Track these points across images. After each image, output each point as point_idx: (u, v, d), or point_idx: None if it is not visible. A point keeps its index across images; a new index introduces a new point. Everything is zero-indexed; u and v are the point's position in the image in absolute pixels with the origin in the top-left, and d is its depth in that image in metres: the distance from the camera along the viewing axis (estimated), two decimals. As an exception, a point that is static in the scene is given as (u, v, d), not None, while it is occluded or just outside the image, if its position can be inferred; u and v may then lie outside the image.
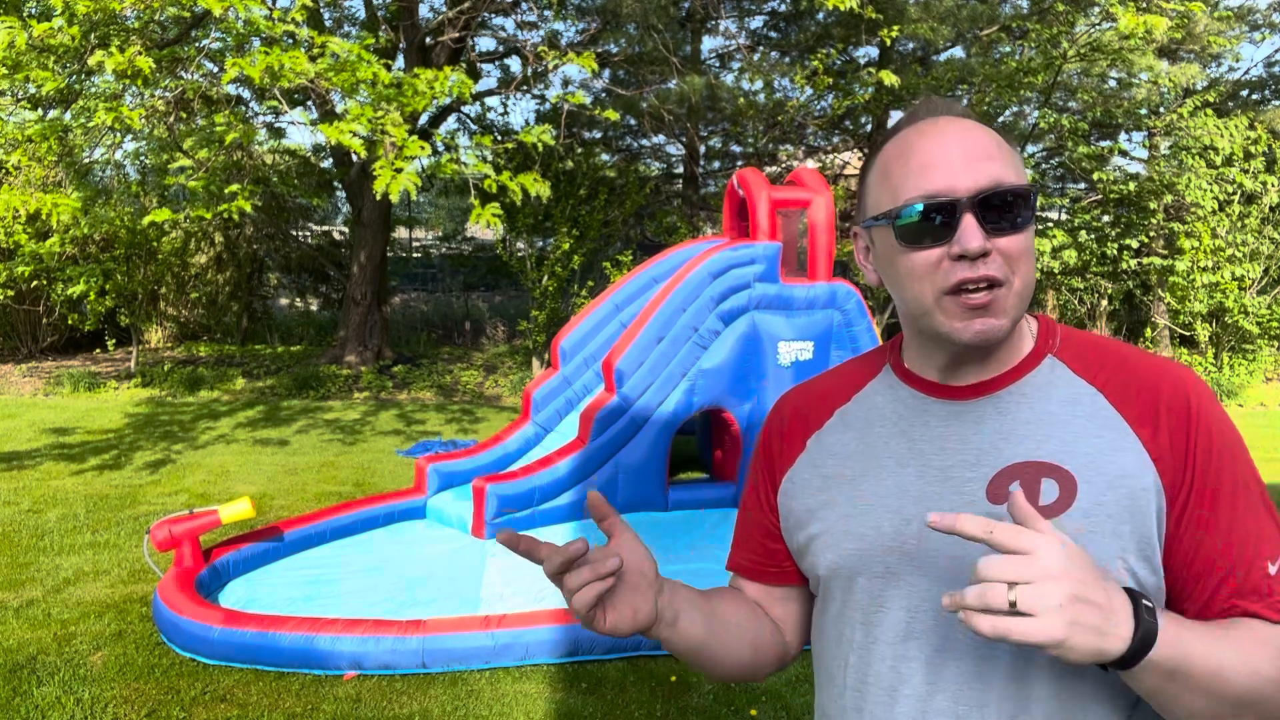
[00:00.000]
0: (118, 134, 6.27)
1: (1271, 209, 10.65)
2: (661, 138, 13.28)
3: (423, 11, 10.94)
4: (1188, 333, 11.41)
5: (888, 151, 0.95)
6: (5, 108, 6.35)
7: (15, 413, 8.30)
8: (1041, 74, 10.12)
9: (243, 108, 10.56)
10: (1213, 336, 11.16)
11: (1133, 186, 11.01)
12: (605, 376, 5.10)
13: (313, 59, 5.09)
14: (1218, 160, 10.55)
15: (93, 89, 6.89)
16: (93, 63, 4.90)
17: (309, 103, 10.27)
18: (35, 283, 9.97)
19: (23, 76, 5.03)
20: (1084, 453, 0.90)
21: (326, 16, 10.91)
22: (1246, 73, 13.81)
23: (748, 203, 5.36)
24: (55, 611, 4.00)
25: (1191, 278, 10.70)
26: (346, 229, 14.36)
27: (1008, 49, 11.39)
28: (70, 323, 10.55)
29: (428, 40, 10.09)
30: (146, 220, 5.75)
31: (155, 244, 10.89)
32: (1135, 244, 11.12)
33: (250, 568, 4.32)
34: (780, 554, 1.11)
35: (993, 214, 0.87)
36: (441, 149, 9.08)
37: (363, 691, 3.35)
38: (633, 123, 12.16)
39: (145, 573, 4.45)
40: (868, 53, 12.42)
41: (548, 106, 11.47)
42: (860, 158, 12.46)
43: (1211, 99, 11.32)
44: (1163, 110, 11.95)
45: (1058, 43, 9.94)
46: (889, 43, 10.23)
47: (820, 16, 11.38)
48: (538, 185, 5.46)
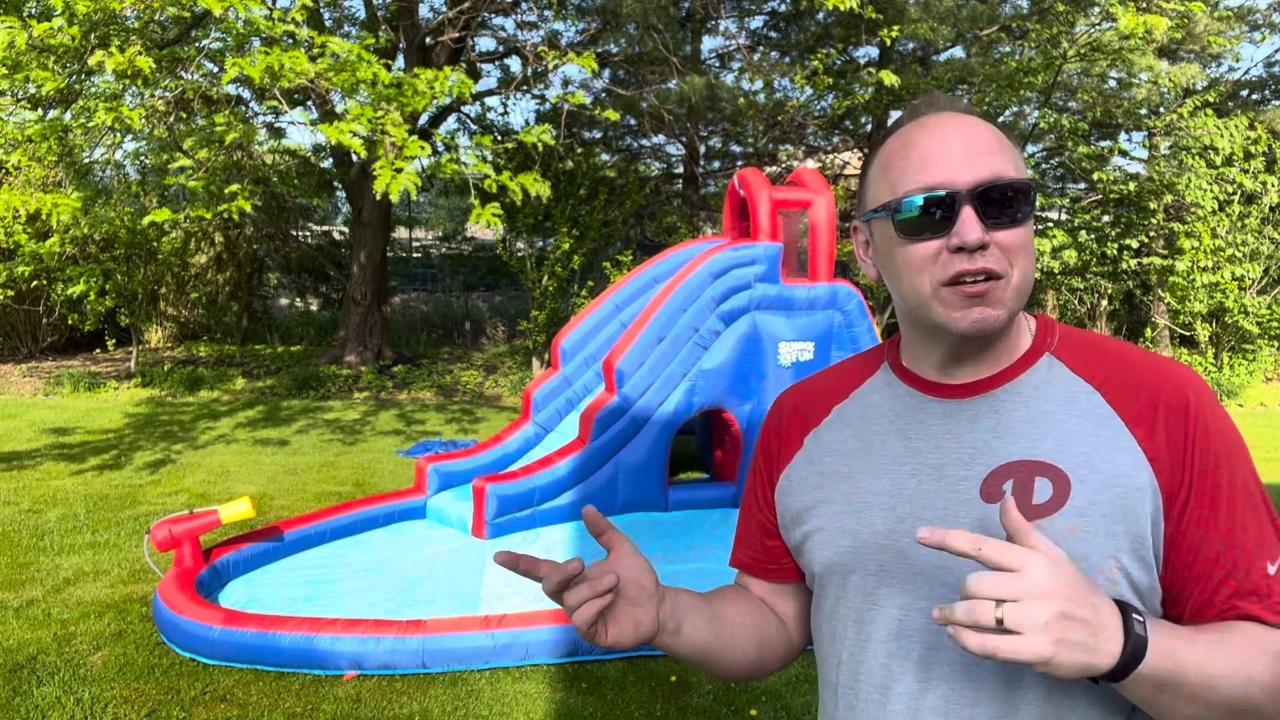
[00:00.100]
0: (118, 134, 6.27)
1: (1271, 209, 10.65)
2: (661, 138, 13.29)
3: (423, 11, 10.94)
4: (1188, 333, 11.41)
5: (889, 146, 0.95)
6: (5, 108, 6.34)
7: (15, 413, 8.30)
8: (1041, 74, 10.12)
9: (243, 108, 10.56)
10: (1213, 336, 11.16)
11: (1133, 186, 11.01)
12: (605, 376, 5.10)
13: (313, 59, 5.09)
14: (1218, 160, 10.55)
15: (93, 89, 6.89)
16: (93, 63, 4.90)
17: (309, 103, 10.27)
18: (35, 283, 9.97)
19: (23, 76, 5.03)
20: (1079, 452, 0.90)
21: (326, 16, 10.91)
22: (1246, 73, 13.82)
23: (749, 203, 5.35)
24: (55, 611, 3.99)
25: (1191, 278, 10.70)
26: (346, 229, 14.36)
27: (1008, 49, 11.39)
28: (70, 323, 10.55)
29: (428, 40, 10.09)
30: (146, 220, 5.75)
31: (155, 244, 10.89)
32: (1135, 244, 11.12)
33: (250, 568, 4.31)
34: (778, 551, 1.11)
35: (992, 208, 0.88)
36: (441, 149, 9.08)
37: (363, 691, 3.35)
38: (633, 123, 12.16)
39: (145, 573, 4.45)
40: (868, 53, 12.43)
41: (548, 106, 11.47)
42: (860, 158, 12.45)
43: (1211, 99, 11.32)
44: (1163, 110, 11.95)
45: (1058, 43, 9.94)
46: (889, 43, 10.23)
47: (820, 16, 11.38)
48: (538, 185, 5.46)
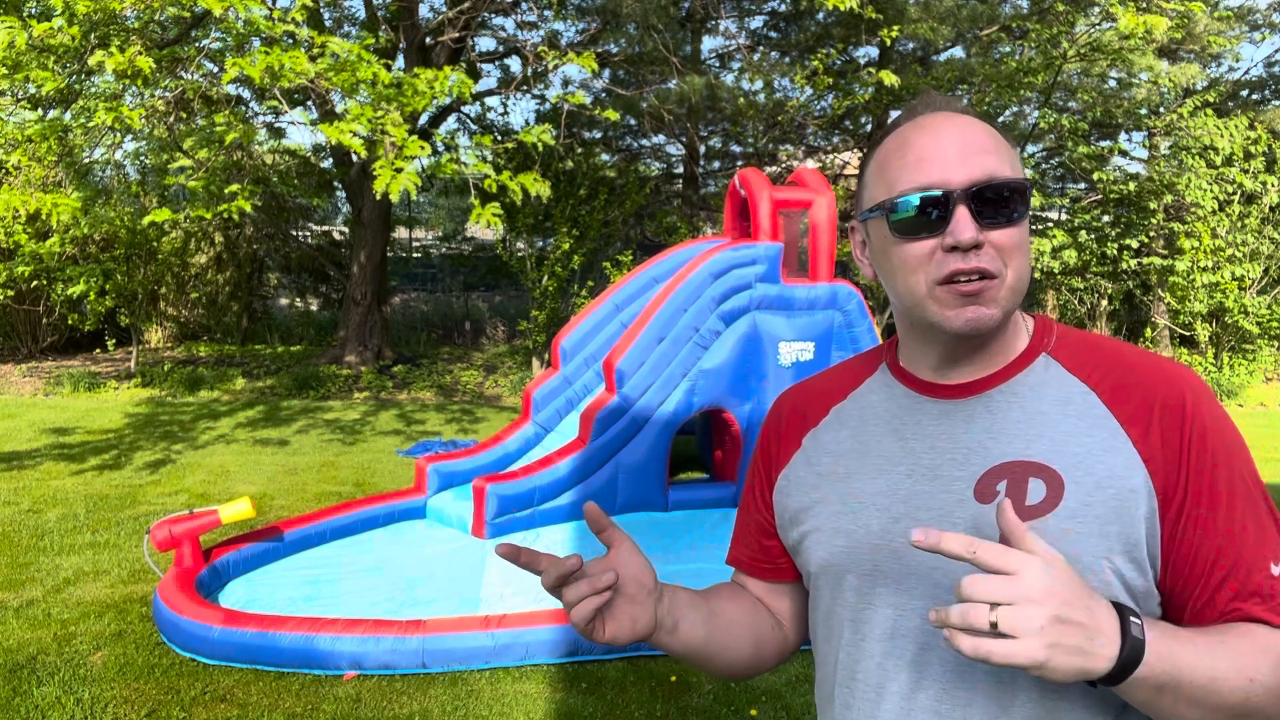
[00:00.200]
0: (118, 134, 6.27)
1: (1271, 209, 10.65)
2: (661, 138, 13.29)
3: (423, 11, 10.94)
4: (1188, 333, 11.41)
5: (886, 146, 0.96)
6: (5, 108, 6.34)
7: (15, 413, 8.30)
8: (1041, 74, 10.12)
9: (243, 108, 10.56)
10: (1213, 336, 11.16)
11: (1133, 186, 11.02)
12: (606, 376, 5.10)
13: (313, 59, 5.09)
14: (1218, 160, 10.55)
15: (93, 89, 6.89)
16: (93, 63, 4.90)
17: (309, 103, 10.27)
18: (35, 283, 9.97)
19: (23, 76, 5.03)
20: (1073, 453, 0.89)
21: (326, 16, 10.91)
22: (1246, 73, 13.82)
23: (749, 203, 5.35)
24: (55, 611, 3.99)
25: (1191, 278, 10.70)
26: (346, 229, 14.36)
27: (1008, 49, 11.39)
28: (70, 323, 10.55)
29: (428, 40, 10.09)
30: (146, 220, 5.75)
31: (155, 244, 10.89)
32: (1135, 244, 11.12)
33: (250, 568, 4.31)
34: (775, 551, 1.11)
35: (987, 207, 0.88)
36: (441, 149, 9.09)
37: (363, 691, 3.35)
38: (633, 123, 12.16)
39: (145, 573, 4.45)
40: (868, 53, 12.43)
41: (548, 106, 11.47)
42: (860, 158, 12.44)
43: (1211, 99, 11.32)
44: (1163, 110, 11.95)
45: (1058, 43, 9.94)
46: (889, 43, 10.23)
47: (820, 16, 11.38)
48: (538, 185, 5.46)
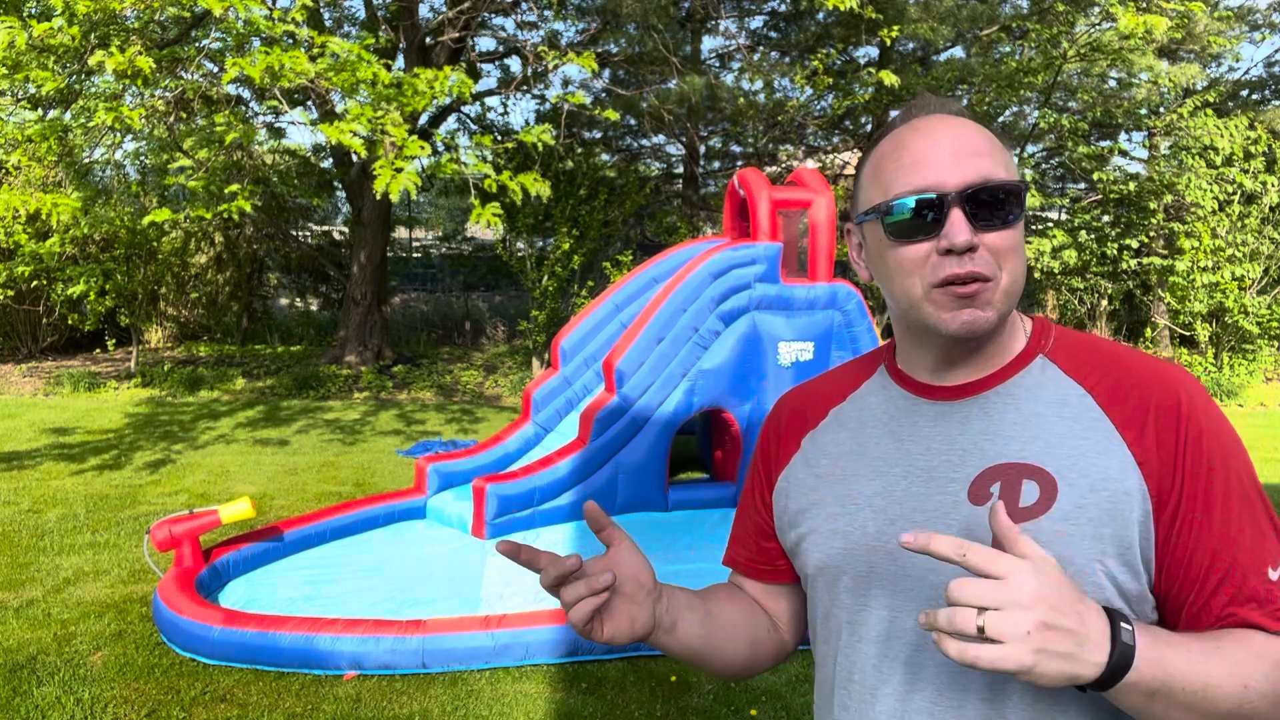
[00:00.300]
0: (118, 134, 6.27)
1: (1271, 209, 10.65)
2: (661, 138, 13.29)
3: (423, 11, 10.94)
4: (1188, 333, 11.41)
5: (881, 148, 0.96)
6: (5, 108, 6.35)
7: (15, 413, 8.30)
8: (1041, 74, 10.12)
9: (243, 108, 10.56)
10: (1213, 336, 11.16)
11: (1133, 186, 11.02)
12: (605, 377, 5.10)
13: (313, 59, 5.09)
14: (1218, 160, 10.55)
15: (93, 89, 6.89)
16: (93, 63, 4.90)
17: (309, 103, 10.27)
18: (35, 283, 9.97)
19: (23, 76, 5.03)
20: (1067, 455, 0.89)
21: (326, 16, 10.91)
22: (1246, 73, 13.82)
23: (748, 203, 5.35)
24: (55, 611, 4.00)
25: (1191, 278, 10.70)
26: (346, 229, 14.36)
27: (1008, 49, 11.39)
28: (70, 323, 10.55)
29: (428, 40, 10.09)
30: (146, 220, 5.75)
31: (155, 244, 10.89)
32: (1135, 244, 11.12)
33: (250, 568, 4.31)
34: (774, 552, 1.12)
35: (982, 210, 0.88)
36: (441, 149, 9.09)
37: (363, 691, 3.35)
38: (633, 123, 12.16)
39: (145, 573, 4.45)
40: (868, 53, 12.43)
41: (548, 106, 11.47)
42: (858, 159, 12.44)
43: (1211, 99, 11.32)
44: (1163, 110, 11.95)
45: (1058, 43, 9.94)
46: (889, 43, 10.23)
47: (820, 16, 11.38)
48: (538, 185, 5.46)
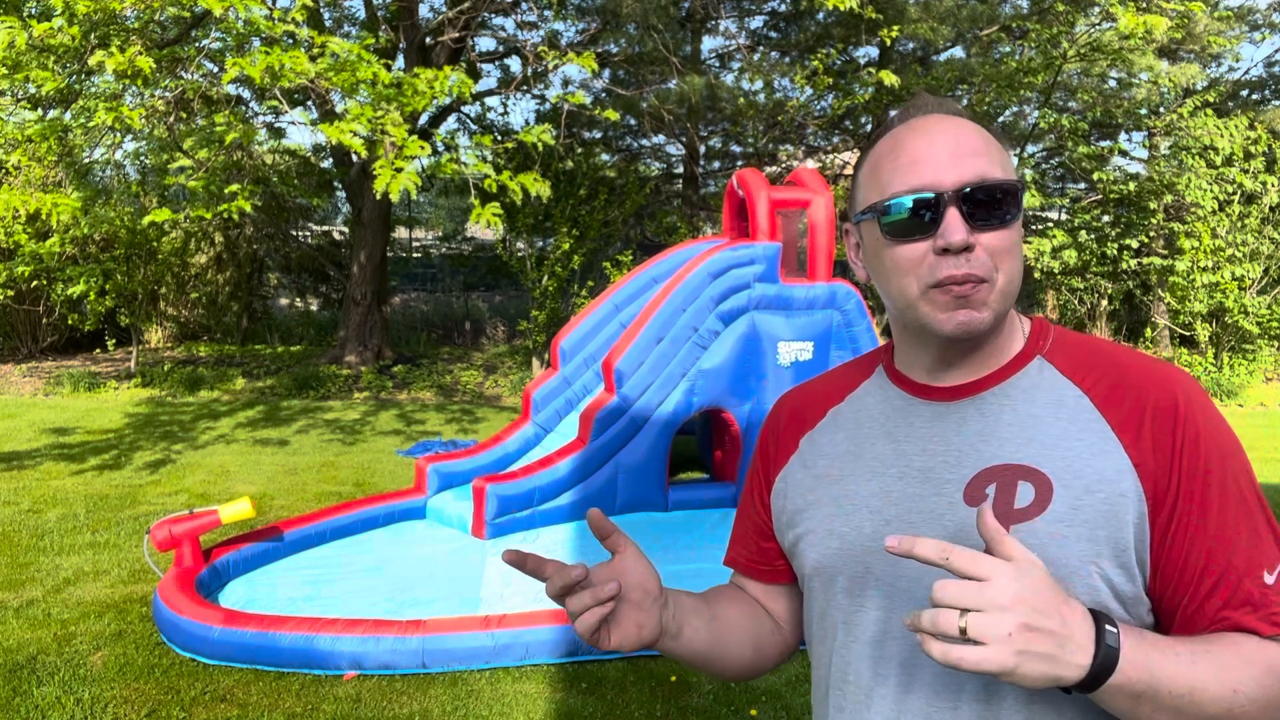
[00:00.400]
0: (118, 134, 6.28)
1: (1271, 209, 10.65)
2: (661, 138, 13.29)
3: (423, 11, 10.94)
4: (1188, 333, 11.41)
5: (879, 148, 0.96)
6: (5, 108, 6.35)
7: (15, 413, 8.30)
8: (1041, 74, 10.12)
9: (243, 108, 10.56)
10: (1213, 336, 11.16)
11: (1133, 186, 11.02)
12: (605, 377, 5.10)
13: (313, 59, 5.09)
14: (1218, 160, 10.55)
15: (93, 89, 6.89)
16: (93, 63, 4.90)
17: (309, 103, 10.27)
18: (35, 283, 9.97)
19: (23, 76, 5.04)
20: (1062, 456, 0.89)
21: (326, 16, 10.91)
22: (1246, 73, 13.82)
23: (747, 203, 5.35)
24: (55, 611, 4.00)
25: (1191, 278, 10.71)
26: (346, 229, 14.36)
27: (1008, 49, 11.40)
28: (70, 323, 10.55)
29: (428, 40, 10.09)
30: (146, 220, 5.75)
31: (155, 244, 10.89)
32: (1135, 244, 11.12)
33: (250, 568, 4.32)
34: (773, 553, 1.12)
35: (979, 210, 0.87)
36: (441, 149, 9.09)
37: (363, 691, 3.35)
38: (633, 123, 12.17)
39: (145, 573, 4.45)
40: (868, 53, 12.43)
41: (548, 106, 11.47)
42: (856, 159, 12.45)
43: (1211, 99, 11.33)
44: (1163, 110, 11.96)
45: (1058, 43, 9.94)
46: (889, 43, 10.23)
47: (820, 16, 11.38)
48: (538, 185, 5.47)
